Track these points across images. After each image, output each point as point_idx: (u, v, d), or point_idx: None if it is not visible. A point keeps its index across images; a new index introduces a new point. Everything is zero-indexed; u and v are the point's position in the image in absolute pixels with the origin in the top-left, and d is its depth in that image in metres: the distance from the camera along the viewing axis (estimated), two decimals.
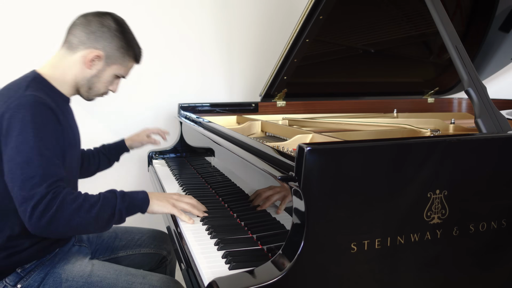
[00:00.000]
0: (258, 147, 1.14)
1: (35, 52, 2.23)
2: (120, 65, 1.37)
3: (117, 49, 1.34)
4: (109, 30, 1.32)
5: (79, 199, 1.11)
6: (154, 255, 1.60)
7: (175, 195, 1.29)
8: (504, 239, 1.03)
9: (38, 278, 1.25)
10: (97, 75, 1.35)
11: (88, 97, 1.41)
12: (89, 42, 1.31)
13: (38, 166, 1.10)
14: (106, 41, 1.32)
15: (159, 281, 1.28)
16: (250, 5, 2.63)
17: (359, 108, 2.39)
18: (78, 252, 1.39)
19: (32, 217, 1.06)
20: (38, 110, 1.16)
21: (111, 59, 1.34)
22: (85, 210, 1.10)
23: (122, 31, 1.35)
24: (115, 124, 2.46)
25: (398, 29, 2.08)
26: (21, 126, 1.12)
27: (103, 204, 1.13)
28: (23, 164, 1.09)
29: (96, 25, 1.32)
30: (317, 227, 0.85)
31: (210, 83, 2.62)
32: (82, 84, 1.35)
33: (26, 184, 1.08)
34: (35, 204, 1.06)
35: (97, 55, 1.31)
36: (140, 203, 1.19)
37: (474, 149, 0.99)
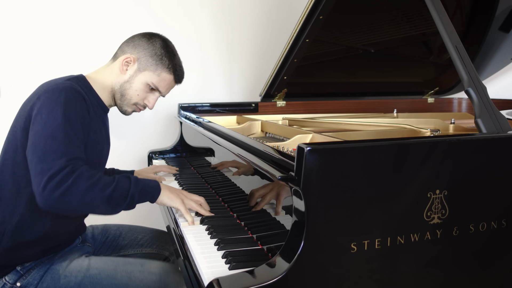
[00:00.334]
0: (258, 147, 1.14)
1: (42, 53, 2.24)
2: (152, 73, 1.38)
3: (151, 55, 1.37)
4: (148, 40, 1.38)
5: (95, 177, 1.13)
6: (156, 255, 1.61)
7: (186, 192, 1.31)
8: (504, 239, 1.03)
9: (37, 276, 1.26)
10: (129, 80, 1.38)
11: (121, 106, 1.42)
12: (127, 49, 1.39)
13: (61, 142, 1.13)
14: (142, 47, 1.37)
15: (157, 267, 1.30)
16: (250, 5, 2.63)
17: (359, 108, 2.39)
18: (78, 251, 1.40)
19: (46, 188, 1.07)
20: (71, 95, 1.21)
21: (143, 64, 1.37)
22: (99, 188, 1.11)
23: (162, 44, 1.39)
24: (115, 124, 2.46)
25: (398, 29, 2.08)
26: (52, 105, 1.17)
27: (117, 186, 1.14)
28: (47, 137, 1.13)
29: (138, 37, 1.40)
30: (317, 227, 0.85)
31: (210, 83, 2.62)
32: (116, 90, 1.39)
33: (47, 157, 1.10)
34: (51, 175, 1.08)
35: (131, 57, 1.36)
36: (152, 190, 1.22)
37: (474, 149, 0.99)
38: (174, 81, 1.44)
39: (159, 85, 1.40)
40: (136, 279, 1.26)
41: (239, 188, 1.38)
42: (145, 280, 1.26)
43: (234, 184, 1.43)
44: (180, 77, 1.45)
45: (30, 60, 2.24)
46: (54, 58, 2.27)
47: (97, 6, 2.29)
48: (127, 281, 1.26)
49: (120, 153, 2.45)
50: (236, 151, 1.25)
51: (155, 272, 1.28)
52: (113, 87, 1.39)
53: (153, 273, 1.28)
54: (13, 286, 1.24)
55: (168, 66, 1.39)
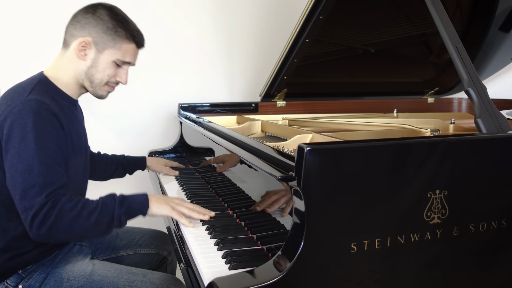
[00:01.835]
0: (258, 147, 1.14)
1: (42, 53, 2.23)
2: (112, 49, 1.29)
3: (104, 31, 1.27)
4: (93, 16, 1.27)
5: (77, 206, 1.12)
6: (155, 255, 1.61)
7: (176, 199, 1.28)
8: (504, 239, 1.03)
9: (39, 278, 1.26)
10: (93, 65, 1.29)
11: (95, 92, 1.34)
12: (76, 32, 1.28)
13: (38, 174, 1.10)
14: (91, 25, 1.27)
15: (159, 279, 1.28)
16: (250, 5, 2.63)
17: (359, 108, 2.39)
18: (79, 252, 1.40)
19: (32, 226, 1.09)
20: (40, 116, 1.15)
21: (100, 44, 1.28)
22: (83, 218, 1.11)
23: (109, 13, 1.28)
24: (115, 124, 2.46)
25: (398, 29, 2.08)
26: (22, 133, 1.12)
27: (102, 211, 1.13)
28: (24, 172, 1.10)
29: (81, 14, 1.29)
30: (317, 227, 0.85)
31: (210, 83, 2.62)
32: (82, 79, 1.31)
33: (27, 193, 1.09)
34: (34, 214, 1.08)
35: (84, 41, 1.26)
36: (139, 206, 1.20)
37: (474, 149, 0.99)
38: (137, 47, 1.35)
39: (125, 57, 1.32)
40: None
41: (239, 188, 1.38)
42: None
43: (234, 184, 1.43)
44: (141, 41, 1.36)
45: (30, 60, 2.24)
46: (54, 58, 2.26)
47: None
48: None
49: (120, 153, 2.45)
50: (236, 151, 1.25)
51: (157, 283, 1.27)
52: (77, 77, 1.30)
53: (155, 284, 1.26)
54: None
55: (126, 36, 1.30)
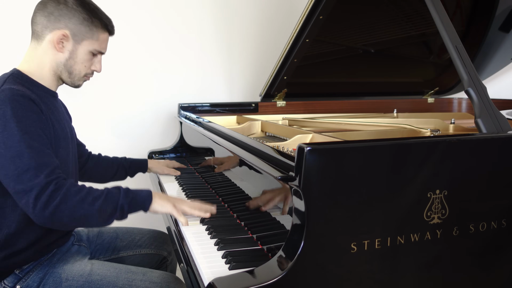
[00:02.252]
0: (258, 147, 1.14)
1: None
2: (90, 39, 1.30)
3: (80, 22, 1.27)
4: (66, 7, 1.26)
5: (82, 191, 1.12)
6: (155, 255, 1.60)
7: (179, 198, 1.29)
8: (504, 239, 1.03)
9: (37, 278, 1.25)
10: (71, 57, 1.29)
11: (73, 82, 1.34)
12: (50, 25, 1.26)
13: (29, 158, 1.09)
14: (66, 17, 1.26)
15: (159, 277, 1.28)
16: (250, 5, 2.63)
17: (359, 108, 2.39)
18: (77, 252, 1.39)
19: (36, 208, 1.07)
20: (17, 103, 1.14)
21: (78, 36, 1.28)
22: (88, 203, 1.11)
23: (80, 3, 1.28)
24: (115, 124, 2.47)
25: (398, 29, 2.08)
26: (3, 122, 1.11)
27: (106, 198, 1.14)
28: (14, 158, 1.09)
29: (52, 5, 1.26)
30: (317, 227, 0.85)
31: (210, 83, 2.62)
32: (60, 71, 1.30)
33: (22, 178, 1.08)
34: (36, 195, 1.07)
35: (63, 34, 1.26)
36: (142, 200, 1.20)
37: (474, 149, 0.99)
38: (109, 35, 1.37)
39: (101, 47, 1.34)
40: (138, 287, 1.25)
41: (239, 188, 1.38)
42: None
43: (234, 184, 1.43)
44: (113, 29, 1.37)
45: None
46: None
47: None
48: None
49: (120, 153, 2.44)
50: (236, 151, 1.25)
51: (157, 281, 1.26)
52: (55, 69, 1.30)
53: (154, 282, 1.26)
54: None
55: (102, 25, 1.31)
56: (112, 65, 2.26)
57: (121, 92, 2.42)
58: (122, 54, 2.34)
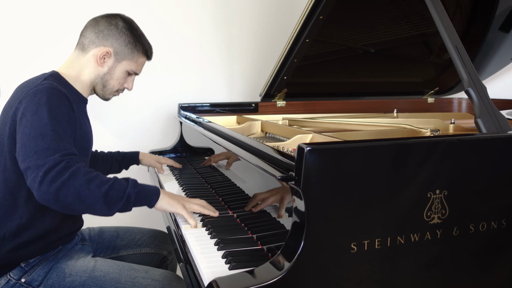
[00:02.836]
0: (258, 147, 1.14)
1: (41, 52, 2.24)
2: (130, 61, 1.41)
3: (125, 45, 1.39)
4: (116, 28, 1.38)
5: (92, 173, 1.13)
6: (155, 254, 1.61)
7: (187, 198, 1.30)
8: (504, 239, 1.03)
9: (42, 272, 1.27)
10: (109, 72, 1.40)
11: (104, 95, 1.45)
12: (98, 41, 1.38)
13: (51, 140, 1.13)
14: (114, 38, 1.38)
15: (161, 275, 1.30)
16: (250, 5, 2.63)
17: (359, 108, 2.39)
18: (81, 250, 1.41)
19: (43, 182, 1.07)
20: (54, 94, 1.21)
21: (120, 55, 1.39)
22: (96, 185, 1.11)
23: (129, 28, 1.40)
24: (115, 124, 2.47)
25: (398, 29, 2.08)
26: (36, 106, 1.17)
27: (114, 185, 1.14)
28: (37, 137, 1.13)
29: (104, 24, 1.38)
30: (317, 227, 0.85)
31: (210, 83, 2.62)
32: (96, 83, 1.41)
33: (39, 155, 1.10)
34: (47, 169, 1.08)
35: (107, 51, 1.37)
36: (150, 194, 1.19)
37: (474, 149, 0.99)
38: (147, 60, 1.49)
39: (138, 69, 1.46)
40: (140, 285, 1.27)
41: (239, 188, 1.38)
42: (148, 287, 1.27)
43: (234, 184, 1.43)
44: (151, 55, 1.50)
45: (30, 60, 2.24)
46: (55, 58, 2.26)
47: (97, 6, 2.29)
48: (130, 286, 1.26)
49: None
50: (236, 151, 1.25)
51: (159, 279, 1.28)
52: (92, 80, 1.40)
53: (156, 280, 1.28)
54: (18, 282, 1.25)
55: (143, 51, 1.44)
56: None
57: None
58: None
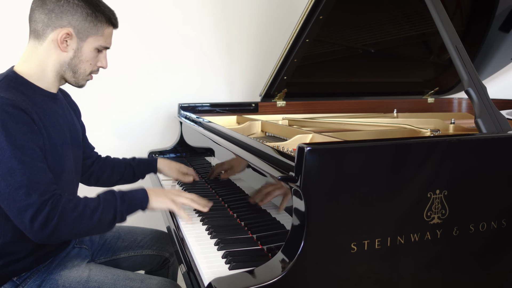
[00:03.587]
0: (258, 147, 1.14)
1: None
2: (95, 36, 1.23)
3: (84, 18, 1.20)
4: (67, 3, 1.18)
5: (79, 206, 1.10)
6: (156, 256, 1.59)
7: (174, 190, 1.28)
8: (504, 239, 1.03)
9: (34, 285, 1.22)
10: (76, 55, 1.22)
11: (77, 82, 1.27)
12: (52, 23, 1.18)
13: (21, 174, 1.05)
14: (69, 14, 1.18)
15: (157, 284, 1.25)
16: (250, 5, 2.63)
17: (359, 108, 2.39)
18: (76, 256, 1.37)
19: (33, 229, 1.05)
20: (7, 114, 1.08)
21: (83, 33, 1.21)
22: (87, 217, 1.09)
23: None
24: (115, 124, 2.46)
25: (398, 29, 2.08)
26: None
27: (104, 208, 1.12)
28: (5, 175, 1.05)
29: (52, 2, 1.18)
30: (317, 227, 0.85)
31: (210, 83, 2.62)
32: (64, 71, 1.24)
33: (14, 196, 1.05)
34: (32, 216, 1.04)
35: (66, 32, 1.19)
36: (139, 201, 1.20)
37: (474, 149, 0.99)
38: (113, 28, 1.29)
39: (106, 42, 1.27)
40: None
41: (239, 188, 1.38)
42: None
43: (234, 184, 1.43)
44: (116, 22, 1.29)
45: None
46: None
47: None
48: None
49: (120, 153, 2.44)
50: (236, 151, 1.25)
51: None
52: (58, 69, 1.23)
53: None
54: None
55: (106, 19, 1.24)
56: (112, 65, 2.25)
57: (121, 92, 2.42)
58: (122, 53, 2.33)
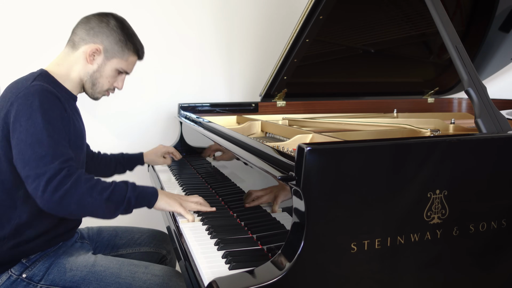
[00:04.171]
0: (258, 147, 1.14)
1: (42, 52, 2.23)
2: (120, 59, 1.39)
3: (116, 42, 1.37)
4: (107, 26, 1.37)
5: (92, 180, 1.16)
6: (154, 253, 1.62)
7: (184, 196, 1.34)
8: (504, 239, 1.03)
9: (43, 268, 1.28)
10: (98, 70, 1.38)
11: (93, 94, 1.43)
12: (88, 38, 1.36)
13: (48, 146, 1.14)
14: (104, 35, 1.36)
15: (161, 271, 1.32)
16: (250, 5, 2.63)
17: (359, 108, 2.39)
18: (80, 248, 1.42)
19: (46, 191, 1.10)
20: (46, 97, 1.21)
21: (110, 53, 1.37)
22: (97, 191, 1.14)
23: (120, 26, 1.39)
24: (115, 124, 2.47)
25: (398, 29, 2.08)
26: (30, 111, 1.17)
27: (114, 190, 1.17)
28: (33, 144, 1.13)
29: (95, 21, 1.37)
30: (317, 227, 0.85)
31: (210, 83, 2.62)
32: (85, 80, 1.39)
33: (38, 163, 1.11)
34: (48, 178, 1.10)
35: (96, 48, 1.35)
36: (149, 196, 1.24)
37: (474, 149, 0.99)
38: (138, 59, 1.47)
39: (128, 68, 1.44)
40: (140, 280, 1.28)
41: (239, 188, 1.38)
42: (148, 282, 1.28)
43: (234, 184, 1.43)
44: (143, 55, 1.48)
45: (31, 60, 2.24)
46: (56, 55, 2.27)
47: (97, 7, 2.29)
48: (130, 281, 1.27)
49: None
50: (236, 151, 1.25)
51: (159, 274, 1.30)
52: (81, 77, 1.39)
53: (156, 275, 1.29)
54: (19, 277, 1.25)
55: (134, 49, 1.41)
56: None
57: (121, 92, 2.42)
58: None
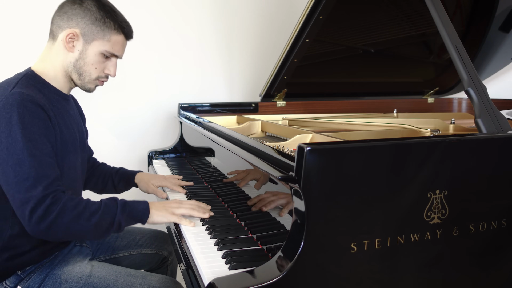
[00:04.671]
0: (258, 147, 1.14)
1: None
2: (101, 40, 1.26)
3: (92, 22, 1.24)
4: (81, 6, 1.24)
5: (79, 206, 1.12)
6: (155, 255, 1.60)
7: (174, 202, 1.29)
8: (504, 239, 1.03)
9: (38, 279, 1.25)
10: (81, 57, 1.27)
11: (83, 85, 1.31)
12: (63, 24, 1.25)
13: (30, 167, 1.09)
14: (79, 16, 1.24)
15: (158, 281, 1.27)
16: (250, 5, 2.63)
17: (359, 108, 2.39)
18: (78, 253, 1.39)
19: (31, 221, 1.07)
20: (25, 109, 1.12)
21: (88, 35, 1.25)
22: (85, 218, 1.11)
23: (96, 4, 1.26)
24: (115, 124, 2.46)
25: (398, 29, 2.08)
26: (9, 127, 1.10)
27: (103, 213, 1.14)
28: (14, 166, 1.09)
29: (68, 5, 1.26)
30: (317, 227, 0.85)
31: (210, 83, 2.62)
32: (71, 71, 1.28)
33: (20, 187, 1.08)
34: (32, 208, 1.06)
35: (72, 33, 1.24)
36: (140, 214, 1.21)
37: (474, 149, 0.99)
38: (125, 39, 1.33)
39: (114, 49, 1.29)
40: None
41: (239, 188, 1.38)
42: None
43: (234, 184, 1.43)
44: (130, 33, 1.33)
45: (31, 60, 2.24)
46: None
47: None
48: None
49: (120, 153, 2.45)
50: (236, 151, 1.25)
51: (156, 285, 1.26)
52: (66, 69, 1.28)
53: (153, 286, 1.25)
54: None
55: (115, 27, 1.27)
56: None
57: (121, 92, 2.42)
58: None
